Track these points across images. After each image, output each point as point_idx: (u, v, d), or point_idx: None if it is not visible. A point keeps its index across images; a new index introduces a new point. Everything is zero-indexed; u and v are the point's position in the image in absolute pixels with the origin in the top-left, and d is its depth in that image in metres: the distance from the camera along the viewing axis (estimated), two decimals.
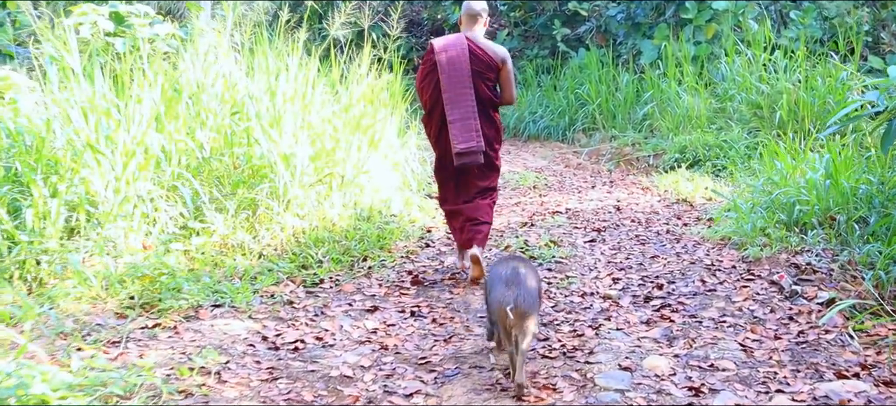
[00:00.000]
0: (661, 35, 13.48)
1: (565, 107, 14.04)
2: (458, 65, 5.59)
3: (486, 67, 5.68)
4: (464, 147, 5.58)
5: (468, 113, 5.58)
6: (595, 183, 10.01)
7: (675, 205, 8.53)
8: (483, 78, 5.67)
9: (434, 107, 5.73)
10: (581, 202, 8.76)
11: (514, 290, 3.88)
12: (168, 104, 6.48)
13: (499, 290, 3.94)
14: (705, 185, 8.98)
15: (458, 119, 5.57)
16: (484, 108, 5.69)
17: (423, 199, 8.45)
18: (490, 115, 5.76)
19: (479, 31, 5.81)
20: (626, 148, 11.91)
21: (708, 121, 11.28)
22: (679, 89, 11.99)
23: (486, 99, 5.71)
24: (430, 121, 5.84)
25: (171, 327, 4.67)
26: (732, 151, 10.25)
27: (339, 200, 6.75)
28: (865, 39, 12.88)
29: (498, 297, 3.92)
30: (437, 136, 5.81)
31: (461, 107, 5.58)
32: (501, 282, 3.96)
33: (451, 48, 5.65)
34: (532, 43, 16.72)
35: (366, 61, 8.16)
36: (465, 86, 5.58)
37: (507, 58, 5.77)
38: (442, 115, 5.66)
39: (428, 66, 5.76)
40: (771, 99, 11.09)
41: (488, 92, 5.72)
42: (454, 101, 5.58)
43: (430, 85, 5.73)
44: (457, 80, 5.58)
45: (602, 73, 13.73)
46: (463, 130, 5.57)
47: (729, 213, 7.35)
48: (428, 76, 5.76)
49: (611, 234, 7.19)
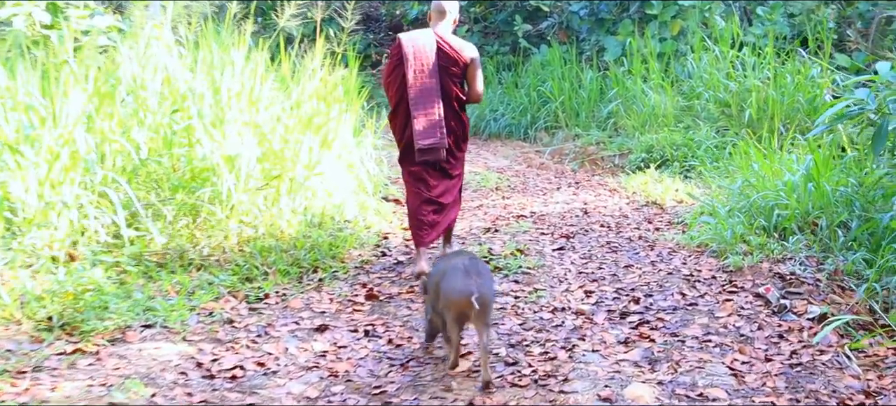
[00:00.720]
0: (626, 31, 13.07)
1: (527, 104, 13.57)
2: (425, 60, 5.50)
3: (453, 63, 5.57)
4: (426, 143, 5.50)
5: (432, 109, 5.50)
6: (560, 184, 9.55)
7: (644, 207, 8.10)
8: (450, 74, 5.57)
9: (400, 102, 5.62)
10: (546, 205, 8.29)
11: (476, 280, 3.76)
12: (101, 101, 5.90)
13: (459, 280, 3.79)
14: (676, 187, 8.56)
15: (421, 115, 5.48)
16: (450, 105, 5.59)
17: (379, 202, 7.93)
18: (456, 111, 5.66)
19: (447, 27, 5.72)
20: (590, 147, 11.48)
21: (675, 119, 10.88)
22: (645, 87, 11.58)
23: (453, 95, 5.61)
24: (396, 116, 5.71)
25: (92, 353, 4.12)
26: (701, 151, 9.86)
27: (288, 205, 6.20)
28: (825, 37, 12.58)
29: (459, 287, 3.76)
30: (402, 132, 5.70)
31: (426, 103, 5.49)
32: (460, 272, 3.82)
33: (419, 43, 5.56)
34: (493, 39, 16.24)
35: (318, 56, 7.61)
36: (432, 81, 5.50)
37: (476, 55, 5.67)
38: (407, 111, 5.56)
39: (395, 60, 5.63)
40: (739, 97, 10.73)
41: (455, 88, 5.61)
42: (419, 96, 5.49)
43: (397, 80, 5.61)
44: (423, 75, 5.49)
45: (565, 69, 13.29)
46: (426, 127, 5.49)
47: (704, 217, 6.93)
48: (394, 71, 5.63)
49: (580, 240, 6.72)
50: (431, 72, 5.51)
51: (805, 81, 10.46)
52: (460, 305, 3.78)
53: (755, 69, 10.91)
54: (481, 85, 5.75)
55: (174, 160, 5.98)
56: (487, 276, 3.91)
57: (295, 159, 6.41)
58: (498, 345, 4.41)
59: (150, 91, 6.28)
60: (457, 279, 3.82)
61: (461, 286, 3.76)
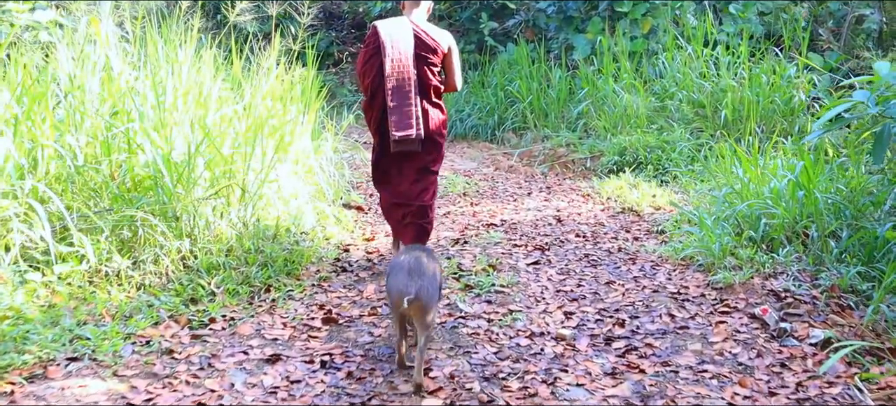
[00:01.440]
0: (595, 29, 12.64)
1: (494, 105, 13.09)
2: (402, 49, 5.30)
3: (430, 52, 5.39)
4: (401, 135, 5.29)
5: (408, 100, 5.30)
6: (531, 189, 9.07)
7: (621, 215, 7.65)
8: (428, 63, 5.39)
9: (376, 92, 5.39)
10: (518, 212, 7.81)
11: (416, 281, 3.76)
12: (32, 102, 5.31)
13: (400, 279, 3.79)
14: (653, 193, 8.12)
15: (397, 105, 5.28)
16: (427, 95, 5.43)
17: (339, 211, 7.41)
18: (434, 101, 5.49)
19: (422, 15, 5.55)
20: (560, 149, 11.02)
21: (647, 120, 10.46)
22: (616, 87, 11.14)
23: (431, 85, 5.44)
24: (372, 107, 5.47)
25: (6, 393, 3.55)
26: (676, 154, 9.45)
27: (239, 217, 5.65)
28: (801, 36, 12.24)
29: (397, 286, 3.77)
30: (378, 123, 5.47)
31: (402, 92, 5.29)
32: (403, 270, 3.83)
33: (396, 31, 5.34)
34: (458, 37, 15.73)
35: (274, 53, 7.07)
36: (408, 71, 5.30)
37: (453, 43, 5.52)
38: (384, 101, 5.34)
39: (371, 49, 5.40)
40: (714, 97, 10.35)
41: (433, 78, 5.44)
42: (396, 86, 5.28)
43: (373, 69, 5.39)
44: (401, 64, 5.29)
45: (533, 69, 12.82)
46: (402, 117, 5.29)
47: (687, 226, 6.49)
48: (370, 60, 5.41)
49: (556, 252, 6.23)
50: (409, 61, 5.30)
51: (781, 82, 10.10)
52: (397, 304, 3.74)
53: (729, 69, 10.53)
54: (459, 74, 5.61)
55: (113, 167, 5.41)
56: (430, 277, 3.85)
57: (247, 166, 5.86)
58: (471, 378, 3.91)
59: (88, 91, 5.71)
60: (397, 278, 3.81)
61: (400, 285, 3.75)
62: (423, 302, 3.73)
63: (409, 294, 3.67)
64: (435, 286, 3.88)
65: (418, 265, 3.86)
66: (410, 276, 3.77)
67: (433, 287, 3.84)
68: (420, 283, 3.74)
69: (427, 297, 3.76)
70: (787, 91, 10.09)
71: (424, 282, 3.77)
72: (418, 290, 3.71)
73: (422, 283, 3.75)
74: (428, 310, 3.77)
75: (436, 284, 3.90)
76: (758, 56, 10.74)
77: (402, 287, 3.73)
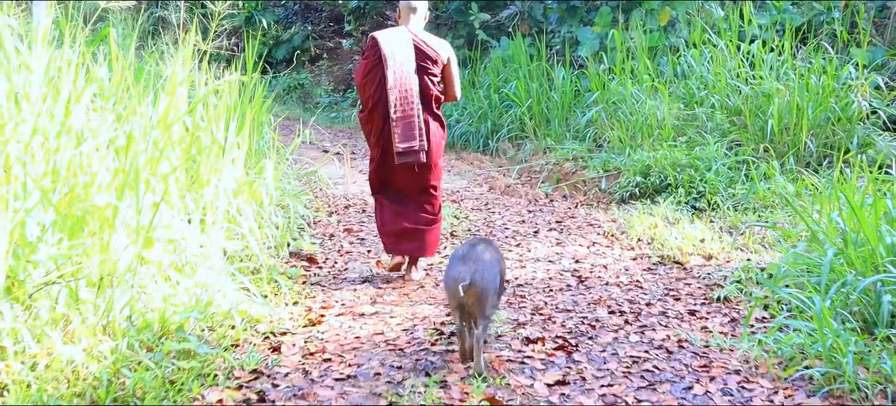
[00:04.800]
0: (604, 21, 10.46)
1: (487, 109, 10.89)
2: (403, 60, 5.12)
3: (431, 63, 5.20)
4: (405, 146, 5.12)
5: (411, 111, 5.12)
6: (537, 224, 6.88)
7: (661, 268, 5.51)
8: (428, 73, 5.20)
9: (377, 104, 5.18)
10: (523, 263, 5.66)
11: (471, 267, 3.61)
12: None
13: (455, 267, 3.66)
14: (700, 235, 5.97)
15: (401, 117, 5.10)
16: (428, 105, 5.23)
17: (284, 265, 5.27)
18: (434, 112, 5.29)
19: (419, 24, 5.32)
20: (566, 164, 8.87)
21: (674, 131, 8.32)
22: (635, 90, 8.98)
23: (432, 96, 5.23)
24: (371, 118, 5.24)
25: None
26: (711, 173, 7.32)
27: (95, 314, 3.48)
28: (832, 29, 10.12)
29: (453, 273, 3.63)
30: (378, 135, 5.23)
31: (405, 104, 5.11)
32: (458, 259, 3.73)
33: (396, 42, 5.16)
34: (445, 31, 13.55)
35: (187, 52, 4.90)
36: (410, 82, 5.11)
37: (452, 53, 5.33)
38: (384, 113, 5.15)
39: (372, 60, 5.18)
40: (754, 104, 8.22)
41: (433, 88, 5.24)
42: (399, 97, 5.09)
43: (374, 81, 5.16)
44: (402, 75, 5.10)
45: (532, 67, 10.64)
46: (406, 129, 5.11)
47: (754, 288, 4.40)
48: (372, 71, 5.17)
49: (587, 352, 3.97)
50: (410, 72, 5.11)
51: (835, 84, 7.98)
52: (454, 292, 3.54)
53: (773, 69, 8.40)
54: (459, 84, 5.40)
55: None
56: (487, 264, 3.70)
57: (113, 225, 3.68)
58: None
59: None
60: (453, 267, 3.69)
61: (455, 273, 3.60)
62: (480, 288, 3.57)
63: (464, 280, 3.51)
64: (493, 273, 3.72)
65: (474, 252, 3.73)
66: (465, 262, 3.64)
67: (491, 273, 3.68)
68: (475, 268, 3.59)
69: (483, 282, 3.59)
70: (843, 96, 7.98)
71: (479, 267, 3.62)
72: (473, 275, 3.56)
73: (477, 268, 3.60)
74: (485, 297, 3.60)
75: (494, 271, 3.74)
76: (806, 54, 8.65)
77: (457, 274, 3.58)
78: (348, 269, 5.53)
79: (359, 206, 7.58)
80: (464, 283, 3.50)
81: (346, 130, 12.23)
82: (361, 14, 15.38)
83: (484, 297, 3.59)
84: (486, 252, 3.78)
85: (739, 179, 7.40)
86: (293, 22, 16.98)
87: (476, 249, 3.76)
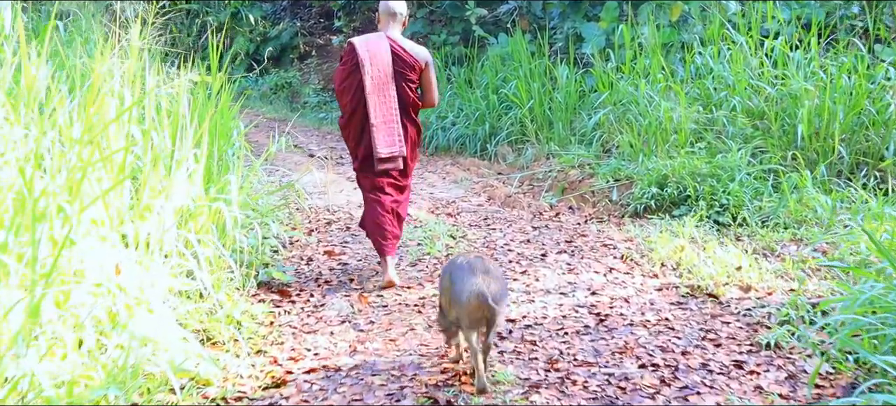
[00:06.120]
0: (611, 16, 9.57)
1: (484, 110, 9.99)
2: (381, 66, 5.05)
3: (409, 69, 5.13)
4: (387, 152, 5.07)
5: (391, 116, 5.08)
6: (543, 243, 5.99)
7: (691, 301, 4.63)
8: (406, 79, 5.13)
9: (355, 110, 5.10)
10: (530, 295, 4.76)
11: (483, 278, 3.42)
12: None
13: (474, 281, 3.40)
14: (735, 262, 5.09)
15: (381, 123, 5.06)
16: (406, 111, 5.18)
17: (248, 301, 4.40)
18: (412, 117, 5.24)
19: (398, 30, 5.22)
20: (572, 171, 7.98)
21: (692, 137, 7.44)
22: (649, 90, 8.09)
23: (409, 101, 5.18)
24: (350, 124, 5.15)
25: None
26: (735, 184, 6.46)
27: None
28: (851, 24, 9.26)
29: (472, 288, 3.38)
30: (357, 140, 5.16)
31: (385, 109, 5.07)
32: (473, 272, 3.45)
33: (373, 48, 5.08)
34: (440, 27, 12.67)
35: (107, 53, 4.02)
36: (389, 88, 5.08)
37: (430, 59, 5.27)
38: (363, 118, 5.08)
39: (349, 66, 5.09)
40: (780, 106, 7.34)
41: (411, 94, 5.18)
42: (378, 103, 5.04)
43: (353, 87, 5.07)
44: (380, 81, 5.05)
45: (533, 65, 9.74)
46: (386, 134, 5.07)
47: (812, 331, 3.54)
48: (349, 77, 5.09)
49: None
50: (388, 78, 5.09)
51: (870, 85, 7.11)
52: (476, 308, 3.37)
53: (800, 68, 7.53)
54: (436, 90, 5.35)
55: None
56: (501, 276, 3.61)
57: None
58: None
59: None
60: (469, 281, 3.43)
61: (476, 288, 3.39)
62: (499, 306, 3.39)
63: (484, 293, 3.33)
64: (503, 281, 3.61)
65: (484, 265, 3.52)
66: (475, 273, 3.43)
67: (502, 282, 3.55)
68: (489, 281, 3.42)
69: (501, 294, 3.45)
70: (879, 97, 7.11)
71: (492, 277, 3.46)
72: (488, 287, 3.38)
73: (490, 280, 3.42)
74: (501, 310, 3.45)
75: (503, 279, 3.64)
76: (835, 51, 7.79)
77: (482, 288, 3.36)
78: (326, 304, 4.64)
79: (343, 221, 6.69)
80: (484, 295, 3.33)
81: (335, 132, 11.30)
82: (352, 10, 14.46)
83: (500, 312, 3.45)
84: (488, 261, 3.61)
85: (766, 190, 6.55)
86: (282, 18, 16.06)
87: (485, 262, 3.56)
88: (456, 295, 3.45)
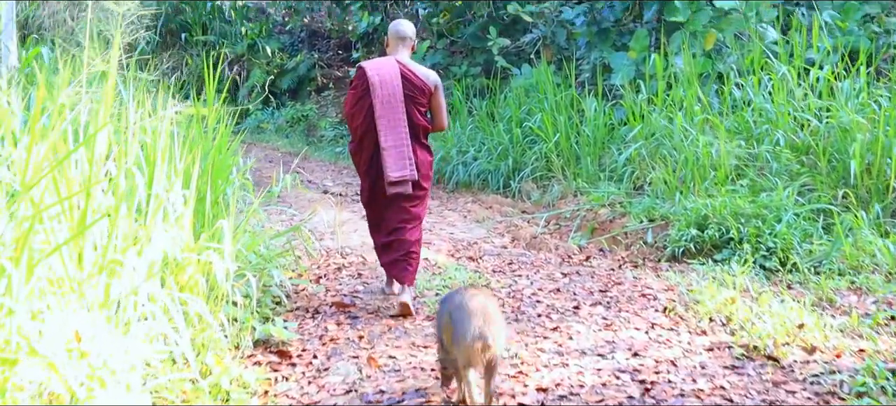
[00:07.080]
0: (641, 45, 9.00)
1: (508, 144, 9.43)
2: (391, 89, 4.97)
3: (418, 92, 5.04)
4: (397, 176, 4.94)
5: (401, 140, 4.97)
6: (574, 293, 5.37)
7: (748, 365, 4.00)
8: (416, 103, 5.04)
9: (365, 134, 5.01)
10: (563, 359, 4.13)
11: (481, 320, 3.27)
12: None
13: (474, 324, 3.26)
14: (796, 320, 4.44)
15: (392, 146, 4.95)
16: (416, 135, 5.07)
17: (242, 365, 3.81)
18: (422, 141, 5.14)
19: (407, 54, 5.18)
20: (602, 210, 7.39)
21: (733, 173, 6.83)
22: (685, 124, 7.48)
23: (419, 125, 5.08)
24: (361, 148, 5.09)
25: None
26: (781, 226, 5.83)
27: None
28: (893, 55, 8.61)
29: (473, 331, 3.24)
30: (367, 165, 5.07)
31: (395, 133, 4.96)
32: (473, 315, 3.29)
33: (383, 72, 5.00)
34: (461, 58, 12.16)
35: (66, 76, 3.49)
36: (399, 111, 4.97)
37: (439, 83, 5.16)
38: (374, 143, 4.99)
39: (360, 90, 5.02)
40: (828, 140, 6.72)
41: (421, 118, 5.09)
42: (388, 127, 4.94)
43: (363, 110, 5.00)
44: (390, 105, 4.96)
45: (558, 97, 9.18)
46: (397, 158, 4.95)
47: None
48: (360, 101, 5.02)
49: None
50: (398, 102, 4.96)
51: None
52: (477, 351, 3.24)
53: (849, 99, 6.91)
54: (446, 113, 5.24)
55: None
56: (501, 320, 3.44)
57: None
58: None
59: None
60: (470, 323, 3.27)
61: (477, 331, 3.25)
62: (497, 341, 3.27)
63: (486, 338, 3.22)
64: (501, 320, 3.46)
65: (484, 308, 3.34)
66: (474, 316, 3.28)
67: (501, 321, 3.42)
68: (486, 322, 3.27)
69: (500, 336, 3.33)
70: None
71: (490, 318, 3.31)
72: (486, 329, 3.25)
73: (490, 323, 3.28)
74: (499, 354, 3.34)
75: (501, 318, 3.49)
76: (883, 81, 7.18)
77: (483, 332, 3.24)
78: (330, 368, 4.03)
79: (356, 265, 6.11)
80: (485, 341, 3.22)
81: (351, 168, 10.77)
82: (370, 40, 13.98)
83: (499, 356, 3.35)
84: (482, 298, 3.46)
85: (816, 233, 5.93)
86: (299, 50, 15.61)
87: (476, 299, 3.39)
88: (457, 338, 3.30)
